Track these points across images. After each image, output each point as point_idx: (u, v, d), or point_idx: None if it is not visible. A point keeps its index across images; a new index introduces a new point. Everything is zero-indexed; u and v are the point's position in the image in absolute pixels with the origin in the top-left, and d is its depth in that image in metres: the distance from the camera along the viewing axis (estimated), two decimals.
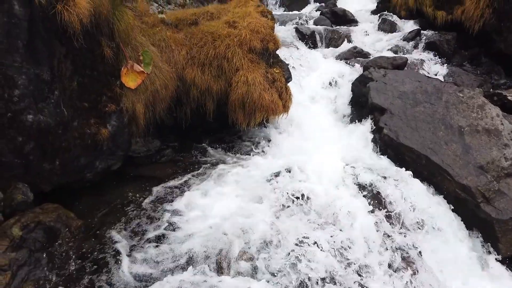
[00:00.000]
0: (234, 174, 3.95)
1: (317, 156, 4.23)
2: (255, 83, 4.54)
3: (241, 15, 4.93)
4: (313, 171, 3.83)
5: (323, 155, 4.25)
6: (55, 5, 2.80)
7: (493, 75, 5.96)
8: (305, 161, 4.01)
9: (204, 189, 3.70)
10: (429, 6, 7.12)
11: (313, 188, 3.57)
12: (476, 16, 6.01)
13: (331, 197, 3.48)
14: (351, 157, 4.25)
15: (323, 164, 4.00)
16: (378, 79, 5.05)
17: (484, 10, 5.92)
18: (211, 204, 3.47)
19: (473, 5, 6.05)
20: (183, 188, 3.76)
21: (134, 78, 3.81)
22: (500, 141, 3.89)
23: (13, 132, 2.75)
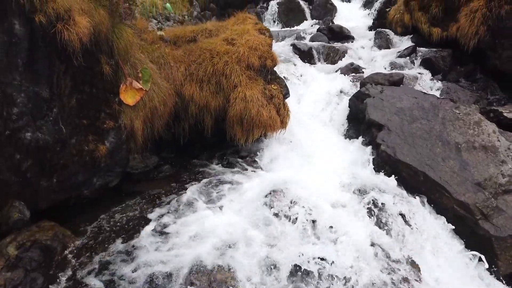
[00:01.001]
0: (231, 191, 3.95)
1: (314, 172, 4.24)
2: (253, 99, 4.58)
3: (239, 32, 4.99)
4: (310, 188, 3.82)
5: (321, 172, 4.26)
6: (55, 24, 2.83)
7: (488, 91, 6.01)
8: (302, 178, 4.02)
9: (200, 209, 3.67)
10: (425, 23, 7.22)
11: (310, 206, 3.56)
12: (471, 33, 6.09)
13: (328, 215, 3.46)
14: (348, 173, 4.25)
15: (321, 181, 4.01)
16: (375, 95, 5.09)
17: (479, 28, 6.00)
18: (207, 227, 3.42)
19: (467, 22, 6.13)
20: (180, 206, 3.74)
21: (132, 95, 3.83)
22: (497, 158, 3.91)
23: (11, 149, 2.75)
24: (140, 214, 3.60)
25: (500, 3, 5.69)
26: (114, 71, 3.62)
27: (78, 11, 3.01)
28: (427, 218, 3.67)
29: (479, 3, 6.03)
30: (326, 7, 11.06)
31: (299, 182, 3.92)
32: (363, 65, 6.89)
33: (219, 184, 4.11)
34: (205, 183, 4.17)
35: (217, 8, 10.67)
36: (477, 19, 6.01)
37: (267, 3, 11.04)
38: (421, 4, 7.33)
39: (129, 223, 3.48)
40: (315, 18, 10.84)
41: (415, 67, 6.68)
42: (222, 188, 4.05)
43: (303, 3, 11.08)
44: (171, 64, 4.57)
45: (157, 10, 7.36)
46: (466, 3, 6.34)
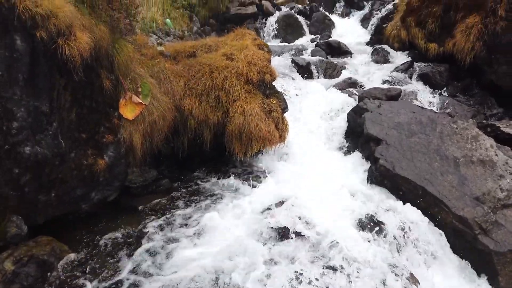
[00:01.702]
0: (230, 206, 3.94)
1: (313, 186, 4.23)
2: (252, 113, 4.60)
3: (238, 48, 5.05)
4: (309, 203, 3.82)
5: (320, 186, 4.25)
6: (56, 40, 2.87)
7: (486, 106, 6.05)
8: (301, 192, 4.01)
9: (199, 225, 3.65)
10: (421, 38, 7.31)
11: (309, 221, 3.55)
12: (467, 49, 6.16)
13: (328, 230, 3.44)
14: (347, 187, 4.24)
15: (320, 195, 4.00)
16: (373, 109, 5.12)
17: (475, 43, 6.08)
18: (204, 247, 3.40)
19: (463, 38, 6.22)
20: (178, 222, 3.72)
21: (132, 109, 3.85)
22: (495, 172, 3.92)
23: (9, 164, 2.75)
24: (137, 230, 3.58)
25: (495, 19, 5.78)
26: (114, 85, 3.65)
27: (79, 27, 3.05)
28: (427, 232, 3.65)
29: (475, 20, 6.12)
30: (324, 23, 11.20)
31: (298, 196, 3.91)
32: (361, 80, 6.95)
33: (217, 199, 4.11)
34: (203, 198, 4.17)
35: (217, 23, 10.79)
36: (473, 35, 6.09)
37: (266, 18, 11.17)
38: (418, 20, 7.43)
39: (126, 239, 3.46)
40: (313, 33, 10.96)
41: (412, 82, 6.73)
42: (220, 204, 4.05)
43: (302, 19, 11.23)
44: (170, 79, 4.62)
45: (157, 26, 7.45)
46: (461, 19, 6.43)
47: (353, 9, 12.82)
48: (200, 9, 10.43)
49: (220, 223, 3.63)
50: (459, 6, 6.55)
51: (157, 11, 7.87)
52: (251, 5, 11.26)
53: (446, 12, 6.82)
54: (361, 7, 12.73)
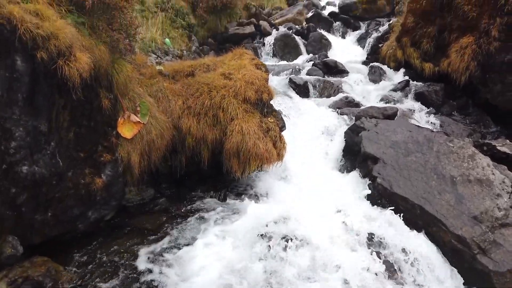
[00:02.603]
0: (228, 224, 3.93)
1: (311, 205, 4.23)
2: (249, 132, 4.62)
3: (236, 67, 5.11)
4: (306, 222, 3.81)
5: (317, 205, 4.25)
6: (56, 60, 2.90)
7: (481, 125, 6.11)
8: (299, 211, 4.00)
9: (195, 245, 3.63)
10: (417, 58, 7.42)
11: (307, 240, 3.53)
12: (462, 69, 6.25)
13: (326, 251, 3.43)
14: (345, 206, 4.24)
15: (317, 214, 4.00)
16: (370, 128, 5.16)
17: (469, 63, 6.17)
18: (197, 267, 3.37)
19: (458, 58, 6.31)
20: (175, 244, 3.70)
21: (130, 128, 3.87)
22: (492, 191, 3.93)
23: (7, 183, 2.74)
24: (132, 251, 3.55)
25: (489, 40, 5.88)
26: (113, 105, 3.68)
27: (79, 48, 3.09)
28: (425, 252, 3.63)
29: (469, 40, 6.23)
30: (321, 43, 11.34)
31: (295, 216, 3.90)
32: (357, 99, 7.01)
33: (214, 219, 4.09)
34: (200, 218, 4.15)
35: (215, 43, 10.92)
36: (467, 55, 6.18)
37: (263, 38, 11.31)
38: (413, 40, 7.56)
39: (122, 260, 3.42)
40: (310, 52, 11.09)
41: (408, 101, 6.80)
42: (217, 223, 4.03)
43: (299, 39, 11.37)
44: (169, 98, 4.65)
45: (156, 45, 7.55)
46: (456, 40, 6.55)
47: (349, 29, 13.01)
48: (199, 29, 10.57)
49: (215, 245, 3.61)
50: (453, 27, 6.68)
51: (156, 31, 7.99)
52: (249, 25, 11.42)
53: (441, 33, 6.95)
54: (357, 27, 12.92)
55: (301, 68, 9.04)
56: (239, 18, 11.83)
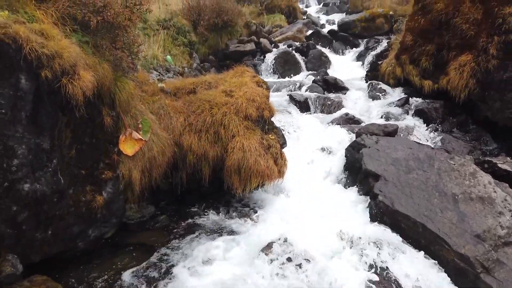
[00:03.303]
0: (228, 243, 3.90)
1: (312, 223, 4.20)
2: (250, 149, 4.63)
3: (237, 84, 5.15)
4: (307, 240, 3.78)
5: (318, 222, 4.22)
6: (60, 79, 2.93)
7: (482, 142, 6.13)
8: (300, 230, 3.98)
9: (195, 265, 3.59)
10: (416, 75, 7.49)
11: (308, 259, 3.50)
12: (461, 86, 6.30)
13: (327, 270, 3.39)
14: (346, 224, 4.21)
15: (318, 232, 3.97)
16: (370, 145, 5.17)
17: (468, 81, 6.22)
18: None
19: (457, 75, 6.37)
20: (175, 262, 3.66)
21: (132, 145, 3.88)
22: (494, 209, 3.91)
23: (8, 201, 2.73)
24: (132, 270, 3.50)
25: (487, 58, 5.95)
26: (115, 122, 3.70)
27: (83, 66, 3.13)
28: (428, 271, 3.59)
29: (467, 58, 6.30)
30: (321, 60, 11.48)
31: (296, 234, 3.88)
32: (357, 116, 7.05)
33: (214, 238, 4.05)
34: (200, 235, 4.12)
35: (216, 60, 11.05)
36: (466, 73, 6.24)
37: (264, 55, 11.45)
38: (411, 58, 7.64)
39: (120, 279, 3.38)
40: (310, 69, 11.21)
41: (408, 118, 6.84)
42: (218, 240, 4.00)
43: (299, 56, 11.51)
44: (170, 115, 4.67)
45: (158, 62, 7.63)
46: (454, 58, 6.62)
47: (349, 47, 13.20)
48: (200, 46, 10.71)
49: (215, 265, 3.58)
50: (451, 45, 6.77)
51: (158, 48, 8.08)
52: (249, 42, 11.56)
53: (439, 51, 7.03)
54: (356, 45, 13.11)
55: (301, 84, 9.12)
56: (239, 36, 11.99)
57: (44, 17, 3.14)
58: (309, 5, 22.07)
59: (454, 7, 6.84)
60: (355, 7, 16.79)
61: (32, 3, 3.20)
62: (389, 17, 13.20)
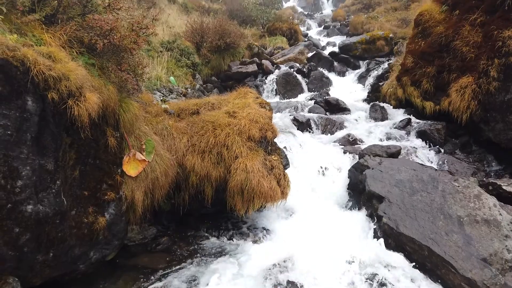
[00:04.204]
0: (230, 267, 3.84)
1: (315, 246, 4.15)
2: (253, 170, 4.61)
3: (240, 106, 5.19)
4: (311, 264, 3.72)
5: (321, 245, 4.17)
6: (66, 101, 2.95)
7: (485, 163, 6.10)
8: (302, 253, 3.93)
9: None
10: (417, 97, 7.54)
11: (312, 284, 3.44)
12: (462, 108, 6.33)
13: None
14: (350, 247, 4.16)
15: (321, 255, 3.91)
16: (374, 166, 5.16)
17: (470, 102, 6.25)
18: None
19: (458, 97, 6.41)
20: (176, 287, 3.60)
21: (135, 166, 3.87)
22: (500, 232, 3.86)
23: (10, 223, 2.71)
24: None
25: (488, 80, 6.00)
26: (118, 143, 3.71)
27: (89, 88, 3.16)
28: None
29: (468, 80, 6.35)
30: (322, 81, 11.60)
31: (299, 258, 3.83)
32: (360, 137, 7.06)
33: (216, 262, 4.00)
34: (203, 258, 4.07)
35: (219, 80, 11.17)
36: (468, 94, 6.28)
37: (265, 76, 11.57)
38: (412, 79, 7.71)
39: None
40: (312, 90, 11.31)
41: (411, 139, 6.84)
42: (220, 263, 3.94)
43: (300, 77, 11.63)
44: (174, 136, 4.69)
45: (161, 83, 7.70)
46: (455, 79, 6.68)
47: (350, 68, 13.34)
48: (202, 68, 10.84)
49: None
50: (452, 67, 6.84)
51: (161, 69, 8.18)
52: (251, 64, 11.71)
53: (440, 73, 7.10)
54: (357, 66, 13.25)
55: (303, 105, 9.17)
56: (242, 57, 12.16)
57: (52, 40, 3.20)
58: (310, 28, 22.42)
59: (454, 30, 6.95)
60: (356, 30, 17.07)
61: (40, 27, 3.26)
62: (389, 39, 13.40)
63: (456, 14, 7.17)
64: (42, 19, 3.32)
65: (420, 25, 7.95)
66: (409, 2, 17.47)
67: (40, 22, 3.29)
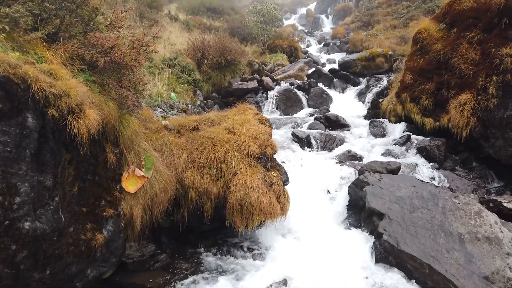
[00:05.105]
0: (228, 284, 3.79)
1: (314, 264, 4.11)
2: (253, 186, 4.60)
3: (240, 122, 5.21)
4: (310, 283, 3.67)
5: (321, 264, 4.12)
6: (66, 117, 2.97)
7: (485, 180, 6.08)
8: (302, 271, 3.89)
9: None
10: (417, 113, 7.56)
11: None
12: (462, 124, 6.34)
13: None
14: (350, 265, 4.12)
15: (322, 274, 3.87)
16: (374, 183, 5.15)
17: (469, 119, 6.27)
18: None
19: (458, 114, 6.43)
20: None
21: (134, 183, 3.86)
22: (502, 250, 3.83)
23: (7, 240, 2.69)
24: None
25: (487, 96, 6.02)
26: (118, 159, 3.71)
27: (89, 105, 3.18)
28: None
29: (467, 96, 6.38)
30: (322, 97, 11.67)
31: (299, 276, 3.78)
32: (359, 153, 7.06)
33: (215, 279, 3.97)
34: (201, 277, 4.02)
35: (219, 97, 11.25)
36: (467, 111, 6.30)
37: (266, 92, 11.66)
38: (412, 96, 7.75)
39: None
40: (312, 107, 11.38)
41: (411, 155, 6.83)
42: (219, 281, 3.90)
43: (300, 93, 11.72)
44: (173, 152, 4.69)
45: (162, 99, 7.75)
46: (454, 96, 6.71)
47: (349, 85, 13.44)
48: (203, 84, 10.92)
49: None
50: (451, 84, 6.88)
51: (162, 86, 8.24)
52: (252, 80, 11.81)
53: (439, 90, 7.15)
54: (357, 83, 13.35)
55: (303, 121, 9.21)
56: (242, 74, 12.27)
57: (53, 57, 3.24)
58: (310, 45, 22.70)
59: (452, 47, 7.03)
60: (355, 47, 17.28)
61: (42, 45, 3.31)
62: (389, 56, 13.53)
63: (454, 32, 7.26)
64: (45, 37, 3.37)
65: (419, 42, 8.03)
66: (408, 20, 17.73)
67: (42, 40, 3.34)
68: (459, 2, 7.20)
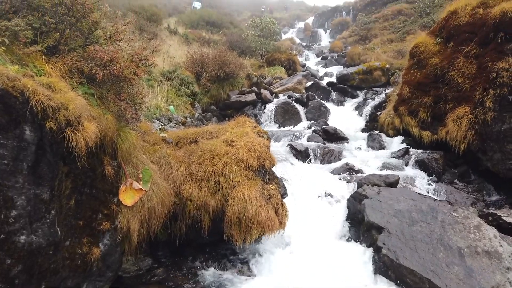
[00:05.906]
0: None
1: (313, 278, 4.06)
2: (251, 199, 4.58)
3: (238, 135, 5.21)
4: None
5: (320, 278, 4.08)
6: (64, 130, 2.96)
7: (484, 193, 6.07)
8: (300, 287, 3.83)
9: None
10: (414, 126, 7.59)
11: None
12: (460, 137, 6.36)
13: None
14: (349, 279, 4.07)
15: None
16: (372, 196, 5.13)
17: (467, 132, 6.29)
18: None
19: (455, 127, 6.45)
20: None
21: (132, 196, 3.84)
22: (502, 264, 3.80)
23: (2, 254, 2.65)
24: None
25: (484, 110, 6.05)
26: (115, 172, 3.69)
27: (87, 117, 3.17)
28: None
29: (464, 110, 6.42)
30: (320, 110, 11.71)
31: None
32: (358, 166, 7.05)
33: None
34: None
35: (218, 109, 11.28)
36: (464, 124, 6.32)
37: (264, 105, 11.71)
38: (409, 109, 7.79)
39: None
40: (310, 119, 11.41)
41: (409, 169, 6.83)
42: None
43: (298, 106, 11.77)
44: (171, 164, 4.68)
45: (161, 112, 7.77)
46: (452, 109, 6.75)
47: (347, 98, 13.51)
48: (202, 97, 10.97)
49: None
50: (448, 97, 6.93)
51: (161, 98, 8.27)
52: (250, 93, 11.87)
53: (436, 103, 7.19)
54: (355, 96, 13.43)
55: (302, 134, 9.22)
56: (241, 87, 12.34)
57: (52, 70, 3.25)
58: (308, 58, 22.89)
59: (449, 61, 7.09)
60: (353, 61, 17.44)
61: (41, 58, 3.32)
62: (386, 70, 13.65)
63: (450, 46, 7.33)
64: (44, 50, 3.39)
65: (416, 56, 8.11)
66: (405, 35, 17.95)
67: (41, 53, 3.36)
68: (455, 17, 7.30)
